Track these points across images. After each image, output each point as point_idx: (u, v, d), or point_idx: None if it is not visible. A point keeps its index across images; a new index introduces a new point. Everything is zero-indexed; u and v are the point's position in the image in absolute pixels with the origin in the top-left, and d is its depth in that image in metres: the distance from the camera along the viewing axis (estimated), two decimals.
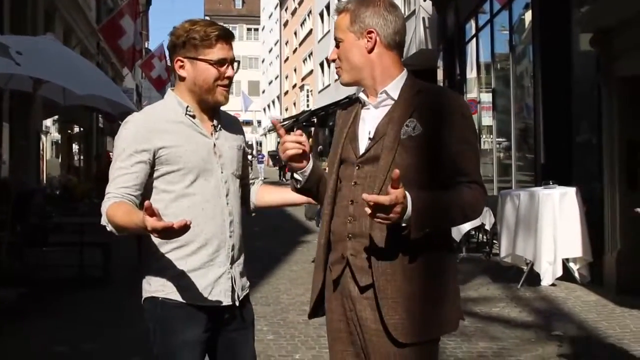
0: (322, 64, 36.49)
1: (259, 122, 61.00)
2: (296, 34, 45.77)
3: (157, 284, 2.30)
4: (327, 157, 2.35)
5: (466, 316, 5.40)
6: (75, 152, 20.07)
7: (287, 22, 49.96)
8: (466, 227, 8.43)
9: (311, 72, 40.47)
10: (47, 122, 15.49)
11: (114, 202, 2.19)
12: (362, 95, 2.22)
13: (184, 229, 1.93)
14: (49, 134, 16.21)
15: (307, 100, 39.40)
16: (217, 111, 2.42)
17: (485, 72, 12.94)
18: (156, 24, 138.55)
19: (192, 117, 2.33)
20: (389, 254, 2.03)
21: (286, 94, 50.79)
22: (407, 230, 1.94)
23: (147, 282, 2.33)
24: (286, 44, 50.59)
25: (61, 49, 8.39)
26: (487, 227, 8.91)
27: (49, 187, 13.53)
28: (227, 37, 2.33)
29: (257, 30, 68.43)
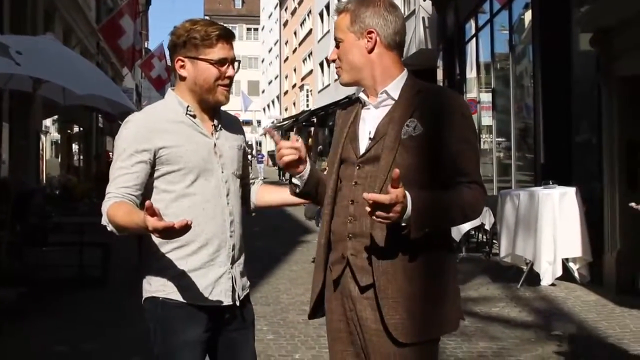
0: (321, 64, 36.46)
1: (259, 122, 60.93)
2: (296, 33, 45.75)
3: (157, 283, 2.29)
4: (327, 157, 2.35)
5: (466, 316, 5.41)
6: (75, 152, 20.05)
7: (286, 22, 49.94)
8: (466, 227, 8.43)
9: (311, 72, 40.45)
10: (47, 122, 15.48)
11: (115, 202, 2.19)
12: (362, 95, 2.22)
13: (185, 228, 1.92)
14: (49, 133, 16.20)
15: (307, 100, 39.37)
16: (218, 111, 2.42)
17: (485, 72, 12.93)
18: (156, 23, 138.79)
19: (192, 116, 2.33)
20: (389, 254, 2.03)
21: (286, 93, 50.76)
22: (407, 229, 1.94)
23: (147, 282, 2.33)
24: (286, 44, 50.56)
25: (61, 48, 8.37)
26: (487, 227, 8.91)
27: (48, 187, 13.52)
28: (228, 36, 2.33)
29: (256, 30, 68.40)
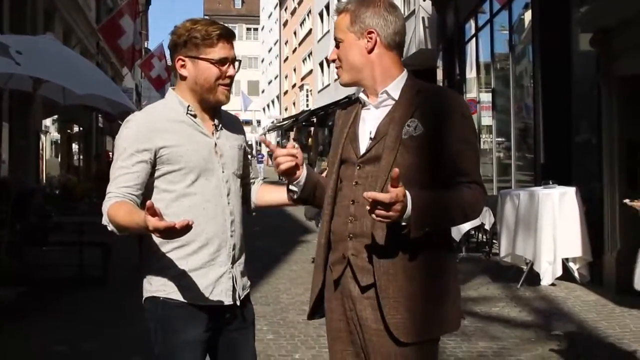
0: (321, 64, 36.46)
1: (259, 121, 60.94)
2: (296, 33, 45.74)
3: (158, 283, 2.29)
4: (327, 157, 2.35)
5: (466, 316, 5.41)
6: (74, 152, 20.05)
7: (286, 21, 49.94)
8: (466, 227, 8.43)
9: (311, 71, 40.44)
10: (47, 122, 15.47)
11: (115, 202, 2.18)
12: (362, 95, 2.22)
13: (186, 229, 1.92)
14: (49, 133, 16.19)
15: (307, 100, 39.37)
16: (218, 110, 2.41)
17: (484, 72, 12.93)
18: (156, 23, 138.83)
19: (193, 116, 2.33)
20: (390, 254, 2.03)
21: (286, 93, 50.75)
22: (407, 229, 1.94)
23: (148, 281, 2.33)
24: (286, 44, 50.56)
25: (61, 48, 8.37)
26: (487, 226, 8.91)
27: (48, 187, 13.50)
28: (229, 36, 2.33)
29: (256, 30, 68.40)
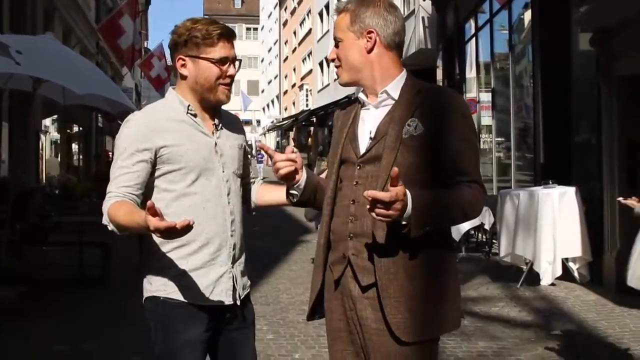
0: (321, 64, 36.45)
1: (258, 121, 60.95)
2: (295, 33, 45.73)
3: (158, 283, 2.29)
4: (327, 157, 2.35)
5: (466, 316, 5.42)
6: (74, 152, 20.04)
7: (286, 21, 49.93)
8: (466, 227, 8.43)
9: (310, 71, 40.43)
10: (47, 122, 15.47)
11: (116, 202, 2.18)
12: (361, 95, 2.22)
13: (187, 228, 1.92)
14: (48, 133, 16.18)
15: (307, 99, 39.36)
16: (219, 110, 2.42)
17: (484, 72, 12.93)
18: (155, 23, 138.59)
19: (193, 116, 2.33)
20: (391, 253, 2.03)
21: (285, 93, 50.74)
22: (407, 228, 1.94)
23: (148, 281, 2.33)
24: (285, 44, 50.55)
25: (61, 48, 8.36)
26: (487, 226, 8.91)
27: (48, 187, 13.50)
28: (229, 35, 2.33)
29: (256, 29, 68.41)
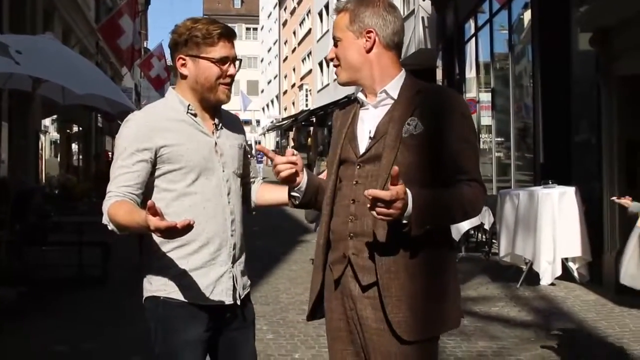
0: (321, 64, 36.45)
1: (258, 121, 60.94)
2: (295, 33, 45.73)
3: (158, 283, 2.29)
4: (327, 158, 2.35)
5: (466, 315, 5.42)
6: (74, 152, 20.04)
7: (286, 21, 49.93)
8: (465, 227, 8.43)
9: (310, 71, 40.42)
10: (46, 122, 15.47)
11: (116, 201, 2.18)
12: (360, 95, 2.22)
13: (187, 228, 1.91)
14: (48, 133, 16.18)
15: (306, 99, 39.34)
16: (219, 110, 2.41)
17: (484, 72, 12.93)
18: (155, 23, 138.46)
19: (193, 115, 2.33)
20: (392, 252, 2.03)
21: (285, 93, 50.74)
22: (408, 227, 1.94)
23: (148, 281, 2.32)
24: (285, 44, 50.54)
25: (60, 48, 8.36)
26: (487, 226, 8.91)
27: (47, 187, 13.50)
28: (229, 35, 2.33)
29: (256, 29, 68.42)
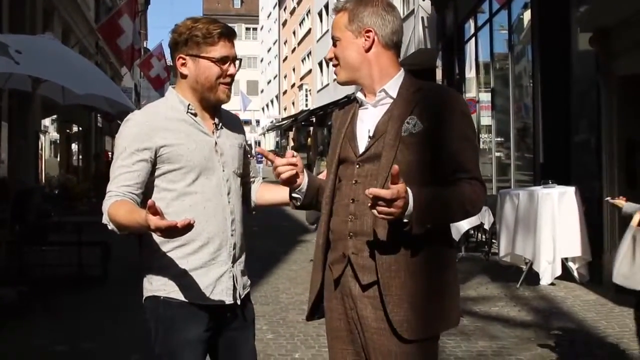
0: (320, 64, 36.44)
1: (258, 121, 60.94)
2: (295, 33, 45.73)
3: (158, 282, 2.29)
4: (326, 157, 2.35)
5: (466, 315, 5.43)
6: (74, 152, 20.05)
7: (285, 21, 49.92)
8: (465, 227, 8.43)
9: (310, 71, 40.42)
10: (46, 122, 15.48)
11: (116, 201, 2.17)
12: (359, 94, 2.23)
13: (188, 227, 1.91)
14: (48, 133, 16.19)
15: (306, 99, 39.33)
16: (219, 109, 2.41)
17: (484, 72, 12.93)
18: (155, 23, 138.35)
19: (193, 115, 2.33)
20: (392, 251, 2.03)
21: (285, 93, 50.73)
22: (409, 225, 1.94)
23: (148, 281, 2.32)
24: (285, 44, 50.53)
25: (60, 48, 8.37)
26: (486, 226, 8.90)
27: (47, 187, 13.50)
28: (230, 34, 2.33)
29: (255, 29, 68.42)
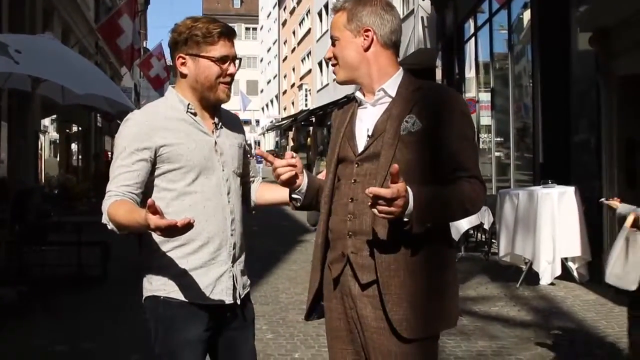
0: (320, 64, 36.44)
1: (257, 121, 60.94)
2: (295, 33, 45.72)
3: (158, 282, 2.29)
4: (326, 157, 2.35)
5: (465, 315, 5.43)
6: (73, 152, 20.04)
7: (285, 21, 49.91)
8: (465, 227, 8.42)
9: (309, 71, 40.41)
10: (46, 122, 15.47)
11: (115, 201, 2.17)
12: (358, 94, 2.23)
13: (188, 227, 1.91)
14: (48, 133, 16.19)
15: (306, 99, 39.33)
16: (218, 109, 2.41)
17: (484, 72, 12.94)
18: (155, 23, 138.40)
19: (193, 114, 2.33)
20: (392, 250, 2.03)
21: (284, 93, 50.72)
22: (409, 224, 1.94)
23: (147, 280, 2.32)
24: (285, 44, 50.53)
25: (60, 47, 8.37)
26: (486, 226, 8.90)
27: (47, 187, 13.50)
28: (230, 34, 2.33)
29: (255, 29, 68.42)
